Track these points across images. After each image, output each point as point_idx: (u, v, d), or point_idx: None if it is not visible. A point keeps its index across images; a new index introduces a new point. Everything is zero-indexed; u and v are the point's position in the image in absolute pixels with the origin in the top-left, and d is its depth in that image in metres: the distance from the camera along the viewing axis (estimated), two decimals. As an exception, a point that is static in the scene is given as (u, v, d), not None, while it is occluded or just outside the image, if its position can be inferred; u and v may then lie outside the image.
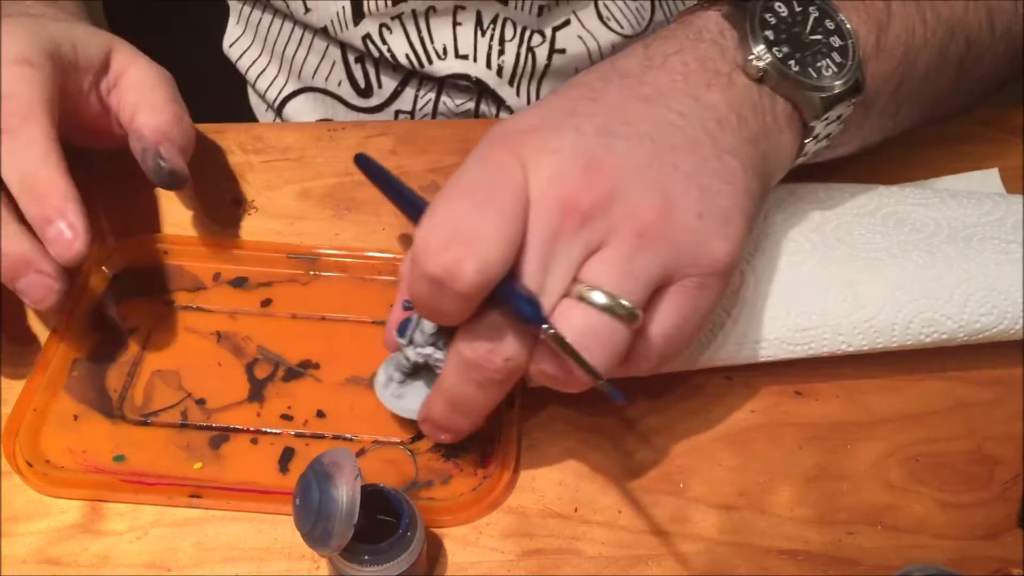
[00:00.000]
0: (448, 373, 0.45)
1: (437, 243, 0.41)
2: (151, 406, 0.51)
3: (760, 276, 0.52)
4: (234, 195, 0.60)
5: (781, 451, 0.51)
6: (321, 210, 0.60)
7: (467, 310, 0.42)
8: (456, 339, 0.44)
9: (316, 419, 0.51)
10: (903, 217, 0.55)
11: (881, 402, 0.53)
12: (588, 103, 0.46)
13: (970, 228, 0.54)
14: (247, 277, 0.56)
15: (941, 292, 0.51)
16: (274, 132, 0.64)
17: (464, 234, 0.41)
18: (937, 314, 0.51)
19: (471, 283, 0.40)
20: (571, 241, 0.42)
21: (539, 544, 0.47)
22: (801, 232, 0.53)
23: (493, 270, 0.41)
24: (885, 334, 0.51)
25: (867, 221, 0.54)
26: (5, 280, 0.48)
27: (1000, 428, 0.52)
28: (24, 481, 0.48)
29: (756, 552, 0.47)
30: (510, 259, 0.41)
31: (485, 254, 0.40)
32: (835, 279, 0.52)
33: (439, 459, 0.49)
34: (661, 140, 0.45)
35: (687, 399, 0.52)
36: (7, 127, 0.49)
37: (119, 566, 0.46)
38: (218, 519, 0.47)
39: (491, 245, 0.41)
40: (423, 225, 0.42)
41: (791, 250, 0.53)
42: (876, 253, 0.53)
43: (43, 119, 0.49)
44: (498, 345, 0.43)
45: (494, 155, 0.44)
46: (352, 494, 0.41)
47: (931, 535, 0.48)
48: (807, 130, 0.49)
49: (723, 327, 0.51)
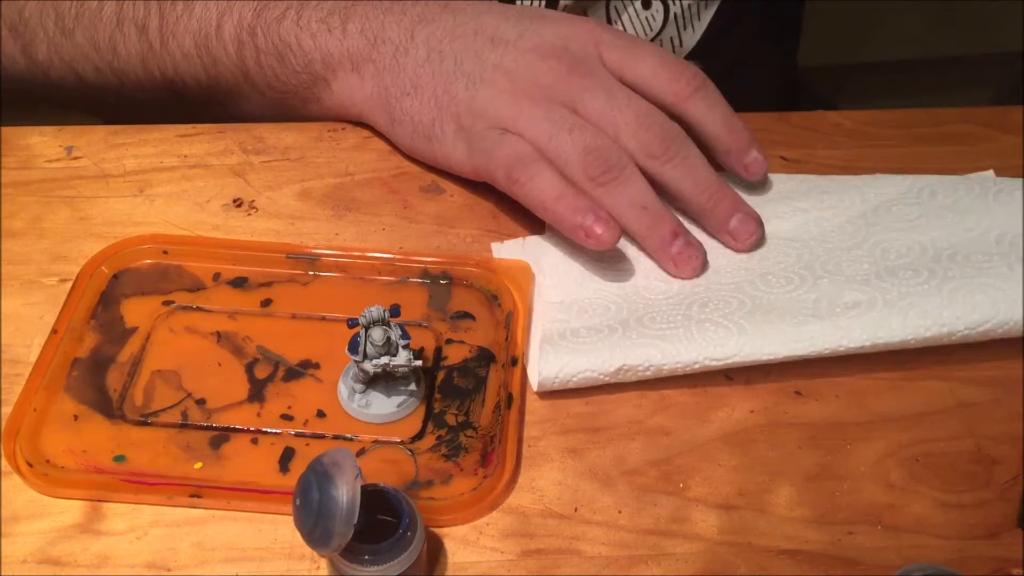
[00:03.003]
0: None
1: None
2: (151, 406, 0.51)
3: (746, 300, 0.54)
4: (234, 195, 0.60)
5: (781, 451, 0.51)
6: (321, 210, 0.60)
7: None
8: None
9: (316, 419, 0.51)
10: (888, 246, 0.57)
11: (881, 402, 0.53)
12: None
13: (954, 246, 0.56)
14: (247, 277, 0.56)
15: (932, 292, 0.53)
16: (274, 132, 0.64)
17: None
18: (931, 306, 0.52)
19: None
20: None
21: (539, 544, 0.47)
22: (792, 270, 0.56)
23: None
24: (885, 329, 0.52)
25: (854, 253, 0.57)
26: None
27: (1000, 428, 0.52)
28: (24, 481, 0.48)
29: (756, 552, 0.47)
30: None
31: None
32: (827, 294, 0.54)
33: (439, 459, 0.50)
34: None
35: (687, 399, 0.52)
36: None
37: (119, 566, 0.46)
38: (218, 519, 0.47)
39: None
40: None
41: (781, 284, 0.55)
42: (864, 276, 0.55)
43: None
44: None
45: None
46: (352, 494, 0.41)
47: (931, 535, 0.48)
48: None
49: (716, 331, 0.52)
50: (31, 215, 0.59)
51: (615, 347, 0.51)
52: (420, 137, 0.60)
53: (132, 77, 0.64)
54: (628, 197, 0.56)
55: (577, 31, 0.59)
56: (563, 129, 0.56)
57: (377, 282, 0.56)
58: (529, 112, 0.57)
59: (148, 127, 0.64)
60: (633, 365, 0.51)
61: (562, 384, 0.51)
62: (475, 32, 0.59)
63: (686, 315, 0.54)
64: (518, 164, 0.56)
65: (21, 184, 0.60)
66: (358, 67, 0.61)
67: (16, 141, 0.63)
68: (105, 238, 0.57)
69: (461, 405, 0.51)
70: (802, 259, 0.57)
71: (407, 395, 0.51)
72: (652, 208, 0.56)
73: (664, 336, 0.52)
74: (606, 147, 0.56)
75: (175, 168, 0.62)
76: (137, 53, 0.63)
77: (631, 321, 0.53)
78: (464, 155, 0.59)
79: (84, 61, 0.64)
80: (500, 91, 0.58)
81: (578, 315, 0.54)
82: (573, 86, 0.57)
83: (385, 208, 0.60)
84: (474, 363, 0.53)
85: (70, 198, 0.60)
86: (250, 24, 0.61)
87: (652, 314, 0.54)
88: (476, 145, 0.58)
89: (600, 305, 0.55)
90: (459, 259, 0.57)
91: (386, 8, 0.61)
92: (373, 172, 0.62)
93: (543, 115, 0.57)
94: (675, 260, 0.56)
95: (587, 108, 0.57)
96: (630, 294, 0.56)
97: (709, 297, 0.55)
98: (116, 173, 0.61)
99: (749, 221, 0.57)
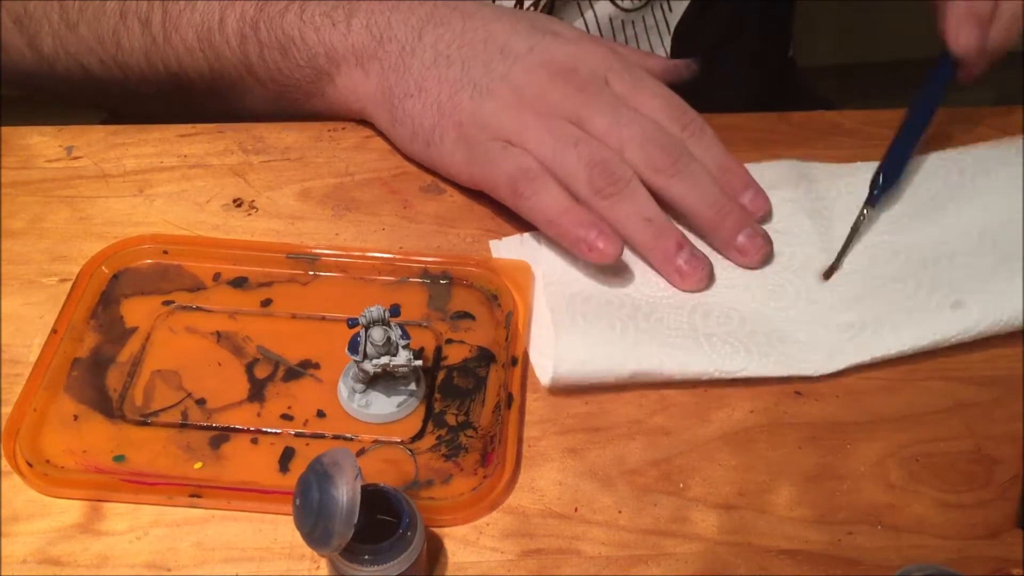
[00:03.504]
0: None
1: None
2: (151, 406, 0.51)
3: (747, 316, 0.55)
4: (234, 195, 0.60)
5: (781, 451, 0.51)
6: (321, 210, 0.60)
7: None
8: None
9: (316, 419, 0.51)
10: (875, 253, 0.58)
11: (881, 402, 0.53)
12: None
13: (937, 247, 0.57)
14: (247, 277, 0.56)
15: (924, 304, 0.54)
16: (274, 132, 0.64)
17: None
18: (925, 317, 0.54)
19: None
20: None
21: (539, 544, 0.47)
22: (783, 276, 0.57)
23: None
24: (881, 346, 0.53)
25: (840, 262, 0.57)
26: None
27: (999, 428, 0.52)
28: (24, 481, 0.48)
29: (756, 552, 0.47)
30: None
31: None
32: (820, 318, 0.55)
33: (439, 459, 0.50)
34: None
35: (687, 399, 0.52)
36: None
37: (119, 566, 0.46)
38: (218, 519, 0.47)
39: None
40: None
41: (775, 296, 0.56)
42: (856, 291, 0.56)
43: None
44: None
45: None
46: (352, 494, 0.41)
47: (931, 535, 0.48)
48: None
49: (722, 345, 0.53)
50: (31, 215, 0.59)
51: (628, 352, 0.52)
52: (419, 140, 0.60)
53: (136, 70, 0.64)
54: (632, 209, 0.56)
55: (588, 53, 0.59)
56: (568, 144, 0.56)
57: (377, 282, 0.56)
58: (534, 126, 0.57)
59: (148, 127, 0.64)
60: (646, 371, 0.52)
61: (575, 384, 0.52)
62: (485, 40, 0.59)
63: (691, 324, 0.54)
64: (523, 178, 0.56)
65: (21, 184, 0.60)
66: (363, 63, 0.61)
67: (16, 141, 0.63)
68: (105, 238, 0.57)
69: (461, 405, 0.51)
70: (794, 260, 0.57)
71: (407, 395, 0.51)
72: (656, 220, 0.56)
73: (675, 344, 0.53)
74: (611, 160, 0.56)
75: (175, 168, 0.62)
76: (141, 47, 0.63)
77: (639, 318, 0.54)
78: (463, 163, 0.59)
79: (89, 54, 0.64)
80: (506, 104, 0.57)
81: (581, 309, 0.54)
82: (579, 103, 0.57)
83: (385, 208, 0.60)
84: (474, 363, 0.53)
85: (70, 198, 0.60)
86: (253, 18, 0.61)
87: (658, 314, 0.54)
88: (477, 155, 0.58)
89: (603, 301, 0.55)
90: (459, 259, 0.57)
91: (392, 5, 0.61)
92: (373, 172, 0.62)
93: (548, 130, 0.57)
94: (680, 272, 0.56)
95: (593, 124, 0.57)
96: (631, 291, 0.56)
97: (709, 307, 0.55)
98: (116, 173, 0.61)
99: (756, 237, 0.57)
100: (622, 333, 0.53)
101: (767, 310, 0.55)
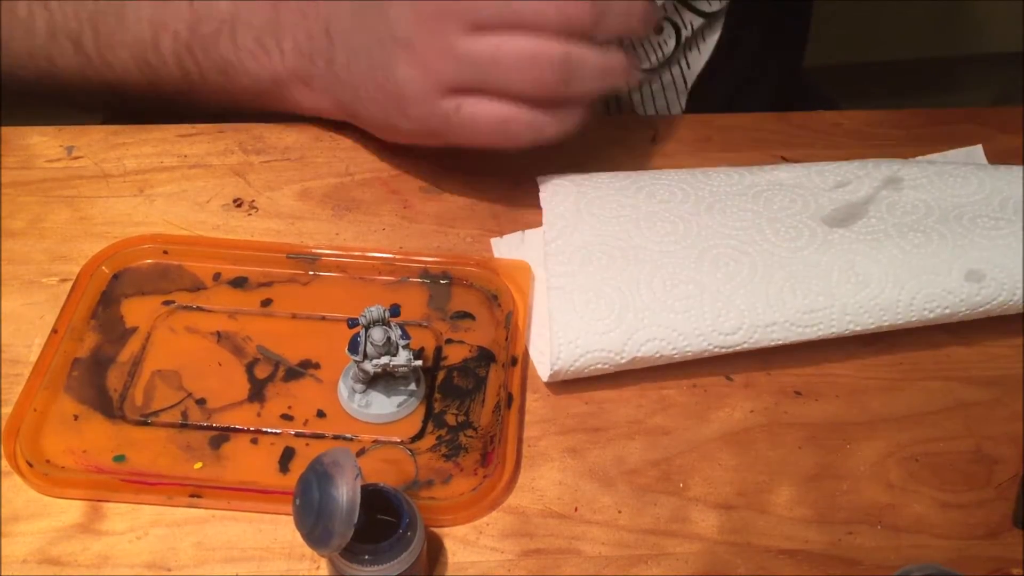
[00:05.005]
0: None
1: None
2: (151, 406, 0.51)
3: (758, 260, 0.54)
4: (234, 195, 0.60)
5: (781, 451, 0.51)
6: (321, 210, 0.60)
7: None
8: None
9: (316, 419, 0.51)
10: (895, 202, 0.57)
11: (881, 402, 0.53)
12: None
13: (960, 207, 0.57)
14: (247, 277, 0.56)
15: (940, 267, 0.54)
16: (274, 132, 0.64)
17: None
18: (938, 289, 0.53)
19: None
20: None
21: (539, 544, 0.47)
22: (799, 219, 0.56)
23: None
24: (890, 312, 0.53)
25: (861, 208, 0.57)
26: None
27: (999, 428, 0.52)
28: (24, 481, 0.48)
29: (756, 552, 0.47)
30: None
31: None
32: (836, 261, 0.54)
33: (439, 459, 0.50)
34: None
35: (687, 399, 0.52)
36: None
37: (119, 566, 0.46)
38: (218, 519, 0.48)
39: None
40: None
41: (790, 236, 0.55)
42: (873, 235, 0.55)
43: None
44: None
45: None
46: (352, 494, 0.41)
47: (930, 535, 0.48)
48: None
49: (727, 311, 0.52)
50: (31, 215, 0.59)
51: (625, 340, 0.51)
52: (388, 131, 0.60)
53: (75, 84, 0.63)
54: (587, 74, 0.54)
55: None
56: (487, 62, 0.53)
57: (377, 282, 0.56)
58: (445, 68, 0.54)
59: (148, 127, 0.64)
60: (644, 357, 0.52)
61: (574, 375, 0.52)
62: (372, 11, 0.56)
63: (697, 281, 0.53)
64: (483, 120, 0.54)
65: (21, 184, 0.60)
66: (307, 81, 0.60)
67: (16, 141, 0.63)
68: (105, 238, 0.57)
69: (461, 405, 0.51)
70: (808, 207, 0.57)
71: (407, 395, 0.51)
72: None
73: (674, 323, 0.52)
74: (542, 53, 0.53)
75: (175, 168, 0.62)
76: (75, 64, 0.62)
77: (640, 287, 0.53)
78: (434, 138, 0.57)
79: (22, 70, 0.63)
80: (411, 64, 0.55)
81: (583, 303, 0.54)
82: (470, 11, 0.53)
83: (385, 208, 0.60)
84: (474, 363, 0.53)
85: (70, 198, 0.60)
86: (187, 41, 0.60)
87: (663, 274, 0.53)
88: (437, 126, 0.56)
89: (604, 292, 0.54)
90: (459, 259, 0.57)
91: (303, 12, 0.59)
92: (373, 172, 0.62)
93: (459, 62, 0.54)
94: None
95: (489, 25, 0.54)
96: (639, 242, 0.55)
97: (719, 251, 0.54)
98: (116, 173, 0.61)
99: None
100: (620, 319, 0.52)
101: (782, 252, 0.54)
